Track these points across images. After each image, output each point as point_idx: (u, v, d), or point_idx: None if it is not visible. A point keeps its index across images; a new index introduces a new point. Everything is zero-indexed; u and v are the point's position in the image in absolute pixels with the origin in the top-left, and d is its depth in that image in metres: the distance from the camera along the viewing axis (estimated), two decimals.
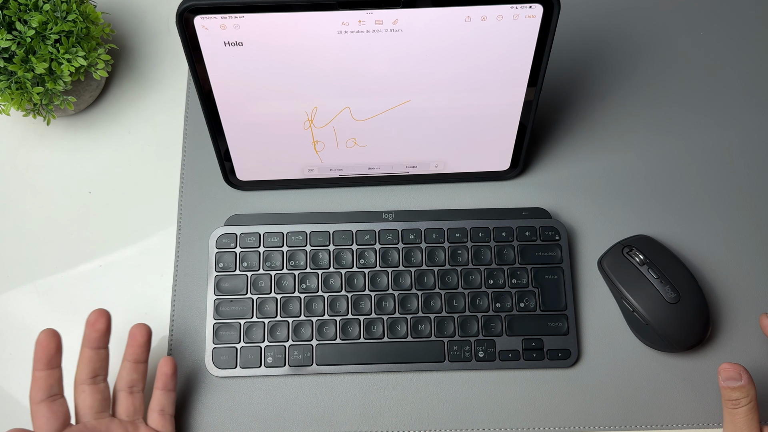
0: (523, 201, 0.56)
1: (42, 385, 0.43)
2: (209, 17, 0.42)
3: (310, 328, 0.51)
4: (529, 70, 0.47)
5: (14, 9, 0.49)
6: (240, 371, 0.50)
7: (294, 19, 0.42)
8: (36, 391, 0.43)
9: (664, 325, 0.49)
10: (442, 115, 0.50)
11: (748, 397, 0.43)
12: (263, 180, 0.55)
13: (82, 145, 0.58)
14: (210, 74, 0.45)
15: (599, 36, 0.62)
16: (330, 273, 0.52)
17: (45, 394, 0.43)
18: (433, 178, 0.56)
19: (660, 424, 0.50)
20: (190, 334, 0.52)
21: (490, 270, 0.52)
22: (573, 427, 0.50)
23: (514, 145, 0.53)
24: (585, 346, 0.52)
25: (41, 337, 0.43)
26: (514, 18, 0.43)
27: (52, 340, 0.43)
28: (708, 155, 0.58)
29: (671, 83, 0.61)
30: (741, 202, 0.56)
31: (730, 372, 0.44)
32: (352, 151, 0.53)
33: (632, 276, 0.51)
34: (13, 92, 0.50)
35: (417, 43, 0.44)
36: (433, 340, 0.51)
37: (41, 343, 0.43)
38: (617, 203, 0.56)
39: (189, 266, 0.54)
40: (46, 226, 0.55)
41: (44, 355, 0.43)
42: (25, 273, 0.54)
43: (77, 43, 0.51)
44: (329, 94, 0.47)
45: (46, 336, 0.43)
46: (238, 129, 0.50)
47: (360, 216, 0.54)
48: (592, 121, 0.59)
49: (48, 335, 0.43)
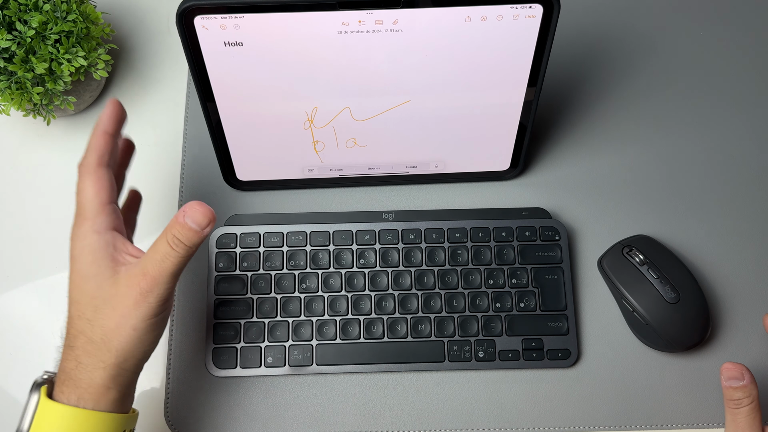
0: (523, 201, 0.56)
1: (109, 150, 0.42)
2: (209, 17, 0.42)
3: (310, 328, 0.51)
4: (529, 70, 0.47)
5: (14, 9, 0.49)
6: (240, 371, 0.50)
7: (294, 19, 0.42)
8: (102, 155, 0.41)
9: (664, 325, 0.49)
10: (442, 115, 0.50)
11: (750, 397, 0.43)
12: (263, 180, 0.55)
13: (82, 145, 0.57)
14: (210, 74, 0.45)
15: (599, 36, 0.62)
16: (330, 273, 0.52)
17: (109, 160, 0.42)
18: (433, 178, 0.56)
19: (660, 424, 0.50)
20: (190, 334, 0.52)
21: (490, 270, 0.52)
22: (573, 427, 0.50)
23: (514, 145, 0.53)
24: (585, 346, 0.52)
25: (113, 101, 0.43)
26: (514, 18, 0.43)
27: (122, 108, 0.43)
28: (708, 155, 0.58)
29: (671, 83, 0.61)
30: (741, 202, 0.56)
31: (732, 371, 0.44)
32: (352, 151, 0.53)
33: (632, 276, 0.51)
34: (13, 92, 0.50)
35: (417, 43, 0.44)
36: (433, 340, 0.51)
37: (114, 104, 0.43)
38: (617, 203, 0.56)
39: (189, 266, 0.54)
40: (46, 226, 0.55)
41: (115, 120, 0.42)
42: (25, 273, 0.54)
43: (77, 43, 0.51)
44: (329, 94, 0.47)
45: (117, 102, 0.43)
46: (238, 129, 0.50)
47: (360, 216, 0.54)
48: (592, 121, 0.59)
49: (119, 103, 0.43)
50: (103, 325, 0.39)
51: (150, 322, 0.39)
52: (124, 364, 0.40)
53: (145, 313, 0.39)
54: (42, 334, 0.52)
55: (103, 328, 0.39)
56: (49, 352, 0.52)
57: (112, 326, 0.39)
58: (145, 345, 0.40)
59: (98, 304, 0.39)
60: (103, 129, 0.42)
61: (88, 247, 0.40)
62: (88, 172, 0.41)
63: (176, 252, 0.38)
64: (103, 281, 0.39)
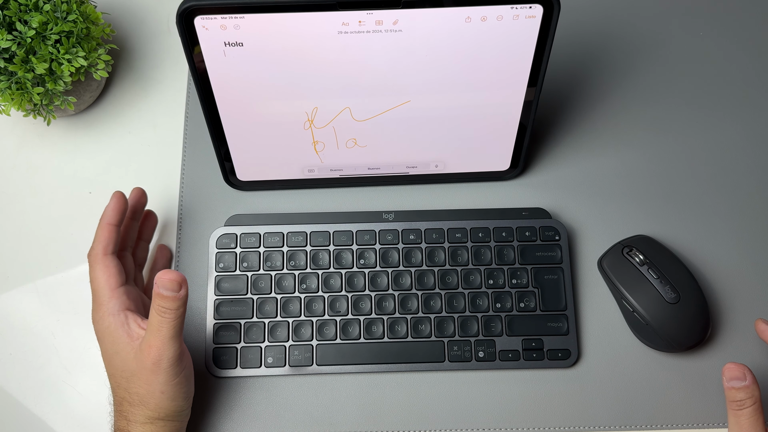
0: (523, 201, 0.56)
1: (113, 239, 0.47)
2: (209, 17, 0.42)
3: (310, 328, 0.51)
4: (529, 71, 0.47)
5: (14, 9, 0.49)
6: (240, 371, 0.50)
7: (294, 20, 0.42)
8: (107, 245, 0.46)
9: (664, 325, 0.49)
10: (442, 115, 0.50)
11: (752, 397, 0.43)
12: (263, 180, 0.55)
13: (82, 145, 0.58)
14: (210, 74, 0.45)
15: (599, 36, 0.62)
16: (330, 273, 0.52)
17: (114, 248, 0.47)
18: (433, 178, 0.56)
19: (660, 424, 0.50)
20: (190, 334, 0.52)
21: (490, 270, 0.53)
22: (573, 427, 0.50)
23: (514, 145, 0.53)
24: (585, 346, 0.52)
25: (117, 194, 0.48)
26: (514, 18, 0.43)
27: (125, 200, 0.48)
28: (708, 155, 0.58)
29: (671, 83, 0.61)
30: (741, 202, 0.56)
31: (734, 371, 0.44)
32: (352, 152, 0.53)
33: (632, 276, 0.51)
34: (14, 92, 0.50)
35: (417, 43, 0.44)
36: (433, 340, 0.51)
37: (117, 198, 0.48)
38: (617, 203, 0.56)
39: (189, 266, 0.54)
40: (46, 226, 0.55)
41: (118, 211, 0.47)
42: (25, 273, 0.54)
43: (77, 44, 0.51)
44: (329, 94, 0.47)
45: (121, 195, 0.48)
46: (238, 129, 0.50)
47: (360, 216, 0.54)
48: (592, 121, 0.59)
49: (122, 196, 0.48)
50: (137, 392, 0.44)
51: (174, 383, 0.44)
52: (167, 417, 0.44)
53: (166, 378, 0.43)
54: (42, 334, 0.52)
55: (138, 395, 0.43)
56: (49, 352, 0.52)
57: (143, 393, 0.43)
58: (179, 400, 0.44)
59: (128, 376, 0.44)
60: (107, 221, 0.47)
61: (106, 329, 0.45)
62: (96, 262, 0.46)
63: (167, 318, 0.42)
64: (126, 356, 0.44)
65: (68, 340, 0.52)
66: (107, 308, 0.45)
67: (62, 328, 0.53)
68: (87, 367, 0.51)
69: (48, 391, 0.51)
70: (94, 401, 0.51)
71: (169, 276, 0.41)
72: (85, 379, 0.51)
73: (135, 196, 0.51)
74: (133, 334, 0.44)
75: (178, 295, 0.42)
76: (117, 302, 0.45)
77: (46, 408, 0.51)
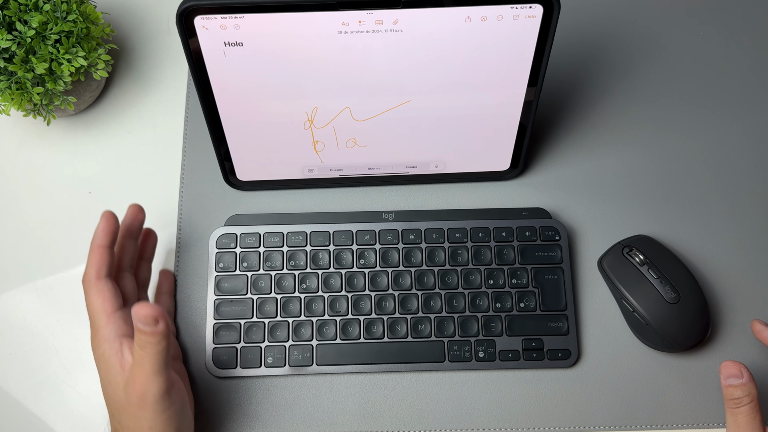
0: (523, 201, 0.56)
1: (106, 262, 0.45)
2: (209, 17, 0.42)
3: (310, 328, 0.51)
4: (529, 70, 0.47)
5: (14, 9, 0.49)
6: (240, 371, 0.50)
7: (294, 19, 0.42)
8: (100, 268, 0.44)
9: (664, 325, 0.49)
10: (442, 115, 0.50)
11: (749, 396, 0.43)
12: (263, 180, 0.55)
13: (82, 145, 0.58)
14: (210, 74, 0.46)
15: (599, 36, 0.62)
16: (330, 273, 0.52)
17: (108, 271, 0.45)
18: (433, 178, 0.56)
19: (660, 424, 0.50)
20: (190, 334, 0.52)
21: (490, 270, 0.53)
22: (573, 427, 0.50)
23: (514, 145, 0.53)
24: (585, 346, 0.52)
25: (106, 214, 0.45)
26: (514, 18, 0.43)
27: (115, 219, 0.46)
28: (708, 155, 0.58)
29: (671, 83, 0.61)
30: (741, 202, 0.56)
31: (731, 369, 0.44)
32: (352, 151, 0.53)
33: (632, 276, 0.51)
34: (14, 92, 0.50)
35: (417, 43, 0.44)
36: (433, 340, 0.51)
37: (107, 218, 0.45)
38: (617, 203, 0.56)
39: (189, 266, 0.54)
40: (46, 226, 0.55)
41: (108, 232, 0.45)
42: (25, 273, 0.54)
43: (77, 44, 0.51)
44: (329, 94, 0.47)
45: (110, 215, 0.46)
46: (238, 129, 0.50)
47: (360, 216, 0.54)
48: (592, 121, 0.59)
49: (112, 215, 0.46)
50: (128, 426, 0.42)
51: (163, 419, 0.42)
52: None
53: (152, 414, 0.41)
54: (42, 334, 0.52)
55: (129, 429, 0.42)
56: (49, 352, 0.52)
57: (133, 427, 0.42)
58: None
59: (119, 408, 0.43)
60: (98, 243, 0.45)
61: (102, 356, 0.43)
62: (90, 287, 0.45)
63: (147, 353, 0.40)
64: (116, 387, 0.43)
65: (68, 340, 0.52)
66: (103, 334, 0.43)
67: (62, 328, 0.53)
68: (87, 367, 0.51)
69: (48, 391, 0.51)
70: (94, 401, 0.51)
71: (144, 311, 0.39)
72: (85, 379, 0.51)
73: (131, 213, 0.49)
74: (125, 364, 0.42)
75: (156, 329, 0.39)
76: (113, 328, 0.43)
77: (46, 408, 0.51)
